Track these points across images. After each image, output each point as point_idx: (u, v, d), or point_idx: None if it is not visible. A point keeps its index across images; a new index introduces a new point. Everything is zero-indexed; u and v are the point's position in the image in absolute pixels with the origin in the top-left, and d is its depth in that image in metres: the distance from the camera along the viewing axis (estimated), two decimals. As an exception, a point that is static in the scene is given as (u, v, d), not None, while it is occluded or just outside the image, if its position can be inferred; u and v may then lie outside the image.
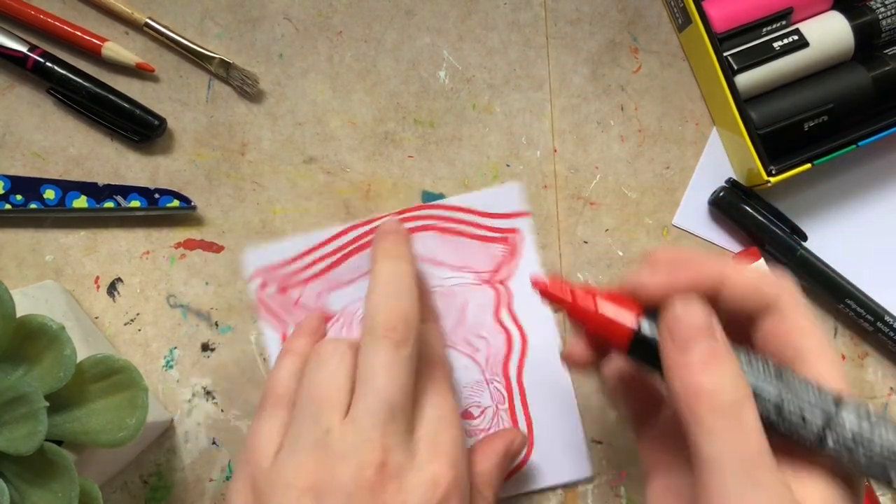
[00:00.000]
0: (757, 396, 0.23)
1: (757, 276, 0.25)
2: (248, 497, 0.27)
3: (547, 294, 0.26)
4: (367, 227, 0.35)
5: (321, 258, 0.35)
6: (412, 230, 0.35)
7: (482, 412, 0.35)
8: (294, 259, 0.35)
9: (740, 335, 0.25)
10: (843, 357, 0.37)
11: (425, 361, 0.30)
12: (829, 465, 0.23)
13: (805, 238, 0.36)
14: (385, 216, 0.35)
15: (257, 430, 0.29)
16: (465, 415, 0.35)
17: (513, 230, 0.36)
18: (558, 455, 0.35)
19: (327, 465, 0.26)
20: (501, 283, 0.35)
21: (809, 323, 0.24)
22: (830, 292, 0.36)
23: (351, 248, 0.35)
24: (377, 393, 0.27)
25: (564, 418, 0.35)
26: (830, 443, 0.21)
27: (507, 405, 0.35)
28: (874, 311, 0.35)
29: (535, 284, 0.27)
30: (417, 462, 0.27)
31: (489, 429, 0.35)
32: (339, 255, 0.35)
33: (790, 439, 0.22)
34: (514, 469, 0.34)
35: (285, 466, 0.27)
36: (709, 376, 0.23)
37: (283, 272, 0.35)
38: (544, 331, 0.35)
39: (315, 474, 0.26)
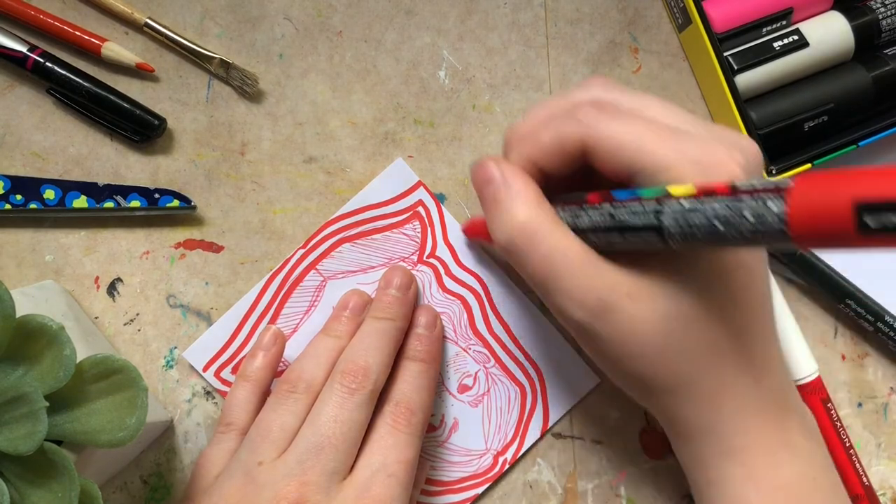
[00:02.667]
0: (581, 216, 0.26)
1: (553, 139, 0.26)
2: None
3: (473, 234, 0.34)
4: (285, 271, 0.35)
5: (258, 321, 0.35)
6: (326, 252, 0.35)
7: (474, 379, 0.35)
8: (234, 335, 0.35)
9: None
10: (844, 357, 0.37)
11: (396, 411, 0.30)
12: (665, 261, 0.25)
13: None
14: (297, 252, 0.35)
15: (206, 454, 0.31)
16: (461, 388, 0.35)
17: (416, 203, 0.36)
18: (564, 377, 0.35)
19: (249, 495, 0.28)
20: (431, 256, 0.35)
21: (615, 139, 0.25)
22: (830, 292, 0.36)
23: (280, 297, 0.35)
24: (313, 433, 0.28)
25: (550, 343, 0.35)
26: (667, 216, 0.22)
27: (493, 362, 0.35)
28: (874, 311, 0.35)
29: (464, 231, 0.35)
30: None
31: (489, 391, 0.35)
32: (272, 309, 0.35)
33: (628, 238, 0.24)
34: (544, 424, 0.35)
35: (215, 491, 0.29)
36: (493, 217, 0.27)
37: (230, 352, 0.35)
38: (488, 277, 0.36)
39: (237, 500, 0.28)
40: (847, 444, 0.35)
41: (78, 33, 0.35)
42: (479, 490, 0.34)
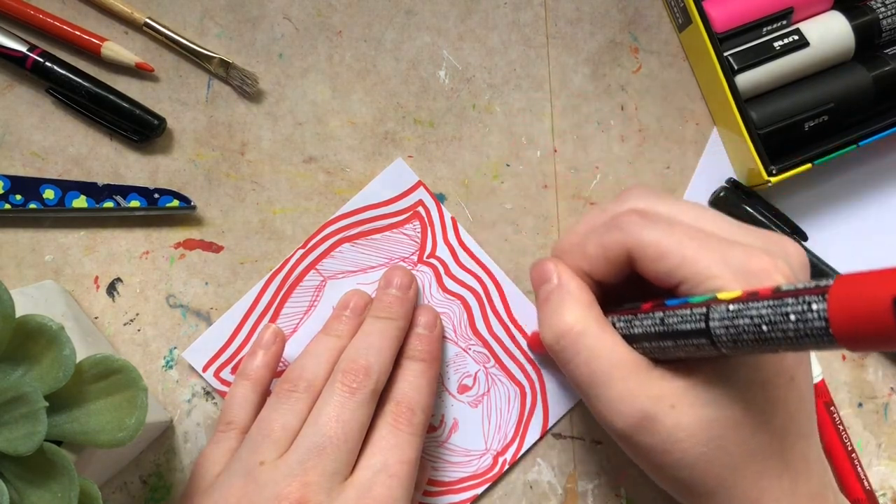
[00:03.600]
0: (635, 324, 0.26)
1: (598, 250, 0.27)
2: None
3: (534, 348, 0.35)
4: (284, 271, 0.35)
5: (258, 321, 0.35)
6: (325, 252, 0.35)
7: (474, 379, 0.35)
8: (233, 335, 0.35)
9: None
10: (844, 357, 0.37)
11: (397, 410, 0.30)
12: (711, 368, 0.25)
13: (805, 238, 0.36)
14: (296, 252, 0.35)
15: (206, 453, 0.31)
16: (461, 388, 0.35)
17: (416, 203, 0.36)
18: (564, 377, 0.35)
19: (250, 494, 0.28)
20: (431, 256, 0.35)
21: (659, 248, 0.25)
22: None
23: (280, 297, 0.35)
24: (315, 433, 0.28)
25: (544, 357, 0.36)
26: (715, 319, 0.22)
27: (493, 362, 0.35)
28: None
29: (529, 344, 0.35)
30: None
31: (489, 391, 0.35)
32: (272, 309, 0.35)
33: (680, 344, 0.24)
34: (544, 427, 0.35)
35: (216, 490, 0.29)
36: (543, 315, 0.28)
37: (230, 352, 0.35)
38: (487, 278, 0.36)
39: (238, 500, 0.28)
40: (849, 448, 0.35)
41: (78, 33, 0.35)
42: (479, 490, 0.34)
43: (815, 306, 0.19)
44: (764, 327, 0.21)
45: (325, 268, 0.35)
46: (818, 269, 0.35)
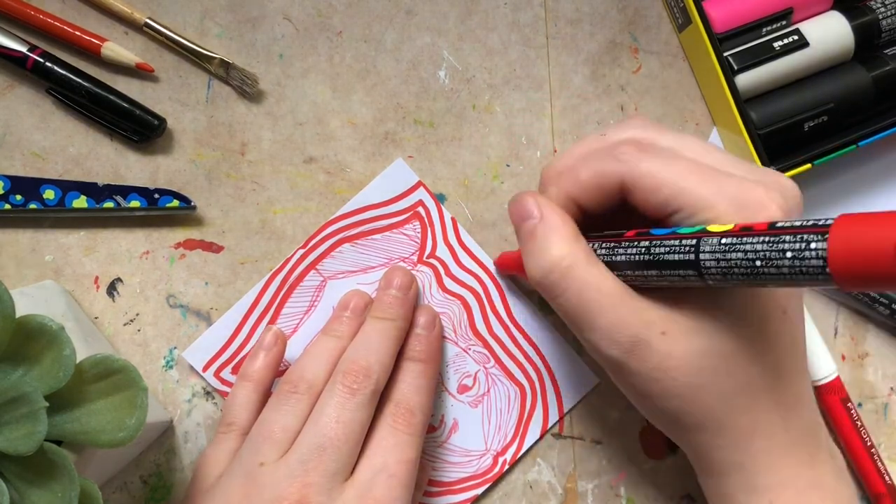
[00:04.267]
0: (618, 252, 0.26)
1: (592, 177, 0.27)
2: None
3: (504, 267, 0.35)
4: (285, 271, 0.35)
5: (258, 321, 0.35)
6: (326, 252, 0.35)
7: (474, 379, 0.35)
8: (233, 335, 0.35)
9: None
10: (844, 357, 0.37)
11: (396, 411, 0.30)
12: (701, 299, 0.25)
13: None
14: (297, 252, 0.35)
15: (207, 454, 0.31)
16: (461, 388, 0.35)
17: (416, 203, 0.36)
18: (564, 377, 0.35)
19: (250, 496, 0.28)
20: (431, 256, 0.35)
21: (656, 178, 0.25)
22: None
23: (280, 297, 0.35)
24: (315, 433, 0.28)
25: (550, 343, 0.36)
26: (705, 252, 0.22)
27: (493, 362, 0.35)
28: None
29: (496, 264, 0.35)
30: None
31: (489, 391, 0.35)
32: (272, 309, 0.35)
33: (665, 275, 0.24)
34: (543, 428, 0.35)
35: (217, 492, 0.29)
36: (528, 251, 0.27)
37: (230, 352, 0.35)
38: (487, 278, 0.36)
39: (239, 501, 0.28)
40: (868, 443, 0.35)
41: (78, 33, 0.35)
42: (479, 490, 0.34)
43: (813, 245, 0.19)
44: (758, 262, 0.21)
45: (325, 268, 0.35)
46: None
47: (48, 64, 0.34)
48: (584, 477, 0.35)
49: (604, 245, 0.27)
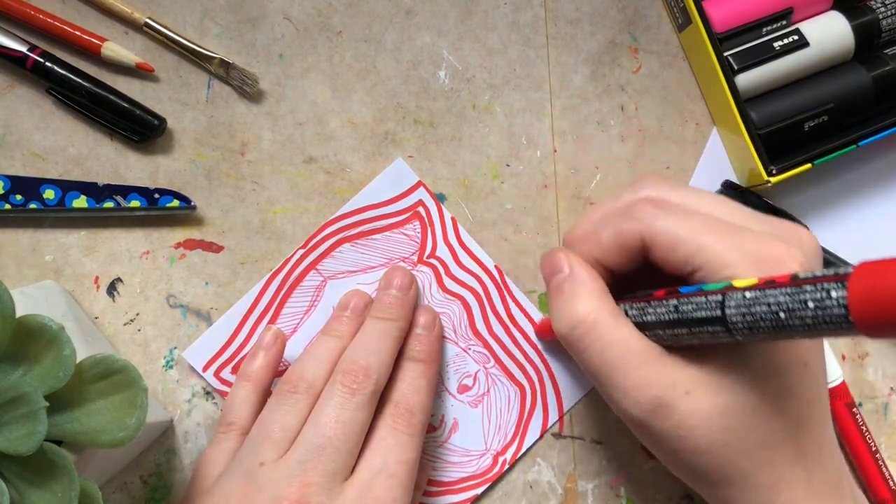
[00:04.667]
0: (648, 312, 0.26)
1: (612, 238, 0.27)
2: None
3: (542, 335, 0.35)
4: (285, 271, 0.35)
5: (258, 321, 0.35)
6: (326, 252, 0.35)
7: (474, 379, 0.35)
8: (233, 335, 0.35)
9: None
10: (844, 357, 0.37)
11: (396, 412, 0.30)
12: (725, 355, 0.25)
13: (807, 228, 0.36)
14: (297, 252, 0.35)
15: (207, 454, 0.31)
16: (461, 388, 0.35)
17: (416, 203, 0.36)
18: (563, 377, 0.35)
19: (249, 496, 0.28)
20: (431, 256, 0.35)
21: (673, 236, 0.25)
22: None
23: (280, 297, 0.35)
24: (314, 434, 0.28)
25: (551, 344, 0.36)
26: (731, 307, 0.22)
27: (492, 362, 0.35)
28: None
29: (537, 332, 0.36)
30: None
31: (488, 391, 0.35)
32: (272, 309, 0.35)
33: (694, 332, 0.24)
34: (543, 424, 0.35)
35: (217, 491, 0.29)
36: (555, 305, 0.28)
37: (230, 352, 0.35)
38: (487, 278, 0.36)
39: (238, 501, 0.28)
40: (872, 448, 0.35)
41: (78, 33, 0.35)
42: (479, 490, 0.34)
43: (834, 293, 0.19)
44: (781, 314, 0.21)
45: (325, 268, 0.35)
46: (828, 260, 0.35)
47: (48, 64, 0.34)
48: (584, 477, 0.35)
49: (634, 306, 0.27)
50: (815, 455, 0.26)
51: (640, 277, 0.28)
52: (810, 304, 0.20)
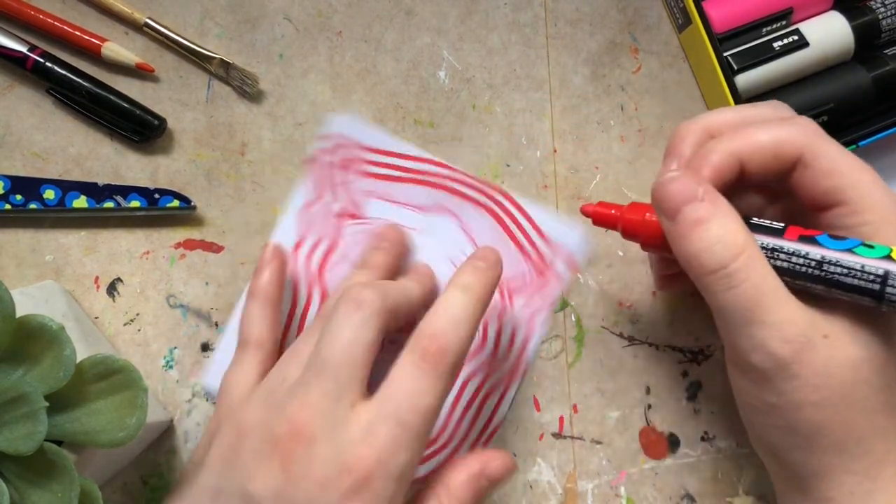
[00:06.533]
0: (780, 256, 0.24)
1: (771, 141, 0.26)
2: (213, 430, 0.29)
3: (599, 218, 0.30)
4: (444, 170, 0.36)
5: (396, 167, 0.35)
6: (476, 200, 0.35)
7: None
8: (375, 150, 0.35)
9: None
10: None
11: (427, 346, 0.26)
12: (855, 308, 0.24)
13: None
14: (462, 172, 0.36)
15: (229, 376, 0.30)
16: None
17: (551, 264, 0.35)
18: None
19: (263, 411, 0.27)
20: (509, 296, 0.35)
21: (834, 163, 0.25)
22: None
23: (422, 178, 0.35)
24: (318, 351, 0.26)
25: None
26: (893, 285, 0.21)
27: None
28: None
29: (585, 212, 0.30)
30: (339, 438, 0.25)
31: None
32: (409, 175, 0.35)
33: (833, 292, 0.23)
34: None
35: (244, 405, 0.28)
36: (700, 237, 0.25)
37: (359, 152, 0.35)
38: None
39: (253, 416, 0.27)
40: None
41: (78, 33, 0.35)
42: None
43: None
44: None
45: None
46: None
47: (48, 64, 0.34)
48: (584, 477, 0.35)
49: (762, 242, 0.25)
50: None
51: (746, 196, 0.27)
52: None
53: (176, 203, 0.34)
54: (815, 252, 0.24)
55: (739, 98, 0.34)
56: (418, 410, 0.25)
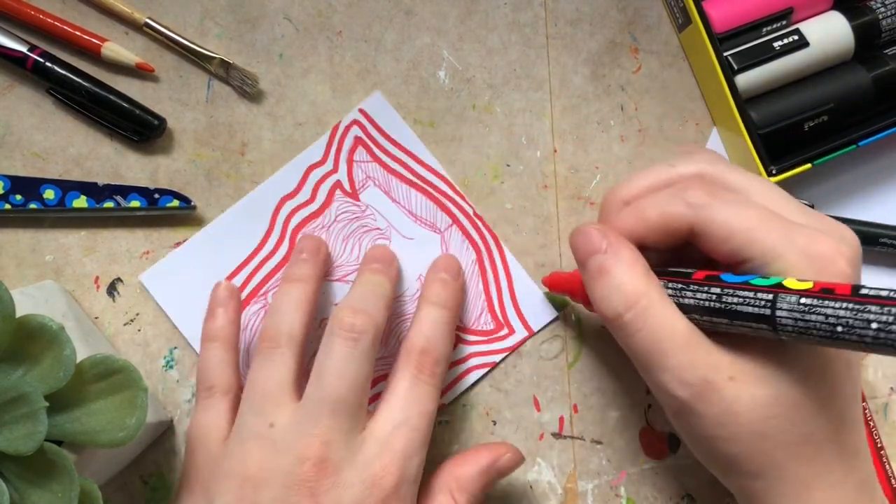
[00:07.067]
0: (686, 295, 0.26)
1: (660, 218, 0.27)
2: (196, 484, 0.29)
3: (553, 285, 0.34)
4: (449, 190, 0.36)
5: (406, 165, 0.35)
6: (467, 232, 0.36)
7: None
8: (393, 140, 0.36)
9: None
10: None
11: (422, 360, 0.30)
12: (767, 347, 0.25)
13: (812, 206, 0.36)
14: (467, 201, 0.36)
15: (198, 421, 0.30)
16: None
17: (510, 322, 0.35)
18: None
19: (269, 457, 0.27)
20: (461, 330, 0.36)
21: (726, 227, 0.25)
22: (862, 241, 0.35)
23: (426, 187, 0.36)
24: (323, 389, 0.28)
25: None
26: (783, 309, 0.22)
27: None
28: None
29: (543, 281, 0.35)
30: (360, 459, 0.27)
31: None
32: (414, 178, 0.36)
33: (735, 324, 0.24)
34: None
35: (232, 456, 0.28)
36: (600, 288, 0.27)
37: (377, 135, 0.35)
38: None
39: (258, 464, 0.27)
40: (879, 445, 0.35)
41: (78, 33, 0.35)
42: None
43: None
44: (839, 328, 0.20)
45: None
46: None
47: (48, 64, 0.34)
48: (584, 477, 0.35)
49: (670, 285, 0.26)
50: (853, 455, 0.26)
51: (667, 250, 0.28)
52: (874, 325, 0.20)
53: (176, 203, 0.34)
54: (716, 288, 0.25)
55: (739, 98, 0.34)
56: (425, 415, 0.29)
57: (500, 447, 0.31)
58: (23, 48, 0.34)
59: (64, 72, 0.34)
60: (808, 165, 0.34)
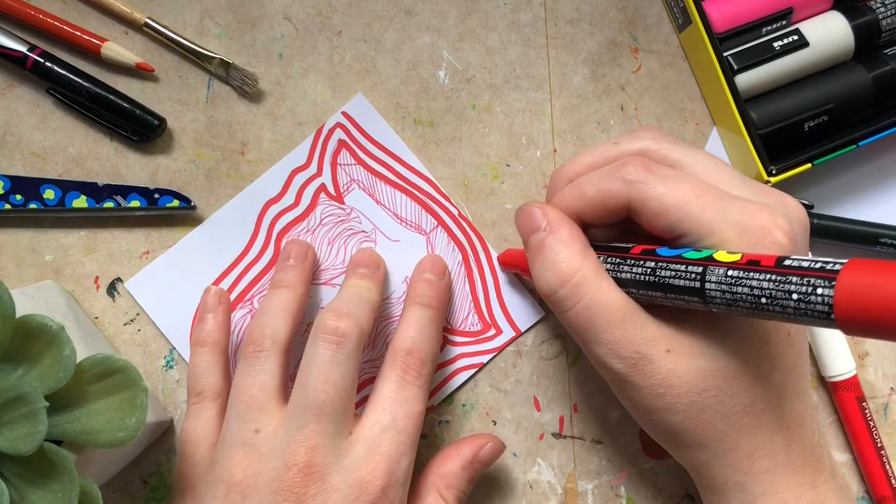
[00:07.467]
0: (623, 269, 0.26)
1: (598, 195, 0.27)
2: (187, 490, 0.29)
3: (507, 265, 0.35)
4: (436, 193, 0.36)
5: (391, 168, 0.35)
6: (454, 235, 0.35)
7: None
8: (377, 143, 0.35)
9: None
10: (844, 357, 0.37)
11: (408, 361, 0.30)
12: (705, 319, 0.25)
13: (812, 207, 0.36)
14: (453, 203, 0.36)
15: (188, 428, 0.30)
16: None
17: (496, 322, 0.35)
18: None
19: (255, 464, 0.27)
20: (449, 332, 0.36)
21: (661, 204, 0.25)
22: (862, 241, 0.35)
23: (411, 190, 0.35)
24: (308, 394, 0.27)
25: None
26: (711, 281, 0.22)
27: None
28: None
29: (499, 260, 0.35)
30: (347, 464, 0.27)
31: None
32: (399, 181, 0.35)
33: (669, 297, 0.24)
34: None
35: (219, 463, 0.28)
36: (537, 265, 0.27)
37: (361, 138, 0.35)
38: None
39: (244, 471, 0.27)
40: (878, 445, 0.35)
41: (78, 33, 0.35)
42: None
43: (820, 290, 0.19)
44: (763, 300, 0.21)
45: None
46: (838, 229, 0.35)
47: (48, 64, 0.34)
48: (584, 477, 0.35)
49: (609, 259, 0.27)
50: (797, 425, 0.26)
51: (614, 229, 0.28)
52: (794, 297, 0.20)
53: (176, 203, 0.34)
54: (651, 262, 0.25)
55: (739, 98, 0.34)
56: (412, 417, 0.28)
57: (479, 439, 0.32)
58: (23, 48, 0.34)
59: (64, 72, 0.34)
60: (808, 165, 0.34)
